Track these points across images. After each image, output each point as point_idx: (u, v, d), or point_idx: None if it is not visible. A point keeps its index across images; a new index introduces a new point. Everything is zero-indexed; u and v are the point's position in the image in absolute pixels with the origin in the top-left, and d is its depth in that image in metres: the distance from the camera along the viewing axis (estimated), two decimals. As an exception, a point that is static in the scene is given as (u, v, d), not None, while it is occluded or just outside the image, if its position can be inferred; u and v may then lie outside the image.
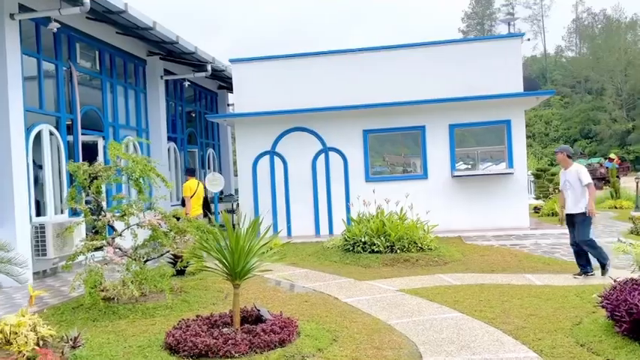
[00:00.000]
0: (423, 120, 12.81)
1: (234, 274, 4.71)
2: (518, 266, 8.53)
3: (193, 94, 17.28)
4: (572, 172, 7.64)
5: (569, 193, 7.66)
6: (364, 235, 9.53)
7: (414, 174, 13.16)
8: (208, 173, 12.59)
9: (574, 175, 7.60)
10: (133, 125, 13.22)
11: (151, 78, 13.94)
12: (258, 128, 13.33)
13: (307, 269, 8.94)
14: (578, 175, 7.54)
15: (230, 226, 4.79)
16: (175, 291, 7.02)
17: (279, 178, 13.29)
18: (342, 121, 13.06)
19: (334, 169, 13.14)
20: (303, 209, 13.20)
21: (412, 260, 8.91)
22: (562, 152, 7.82)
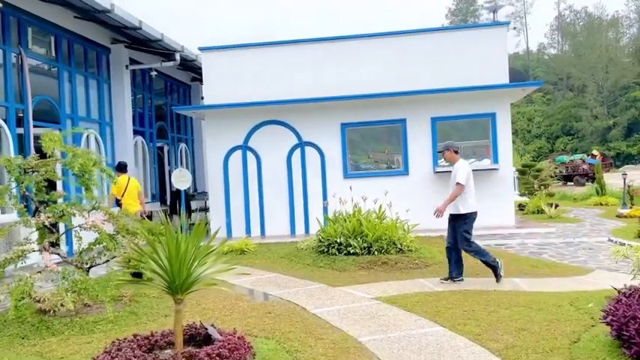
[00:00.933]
0: (404, 113, 12.14)
1: (174, 288, 3.95)
2: (505, 269, 7.84)
3: (164, 86, 16.41)
4: (454, 169, 7.11)
5: (450, 191, 7.10)
6: (340, 236, 8.82)
7: (395, 170, 12.49)
8: (175, 169, 11.78)
9: (454, 172, 7.10)
10: (95, 118, 12.34)
11: (116, 67, 13.06)
12: (229, 121, 12.54)
13: (277, 273, 8.20)
14: (455, 172, 7.02)
15: (170, 228, 4.02)
16: (125, 300, 6.25)
17: (252, 174, 12.52)
18: (318, 113, 12.32)
19: (311, 164, 12.41)
20: (277, 207, 12.45)
21: (391, 263, 8.23)
22: (448, 149, 7.24)
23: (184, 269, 3.93)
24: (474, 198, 7.05)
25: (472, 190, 7.04)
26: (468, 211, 6.98)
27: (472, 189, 7.04)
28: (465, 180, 6.89)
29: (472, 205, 7.02)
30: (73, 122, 11.41)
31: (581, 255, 9.02)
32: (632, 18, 68.97)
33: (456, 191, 6.93)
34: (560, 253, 9.23)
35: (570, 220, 13.24)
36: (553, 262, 8.44)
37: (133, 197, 9.87)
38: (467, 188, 6.93)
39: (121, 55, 13.04)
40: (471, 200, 7.00)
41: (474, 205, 7.04)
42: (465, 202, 6.96)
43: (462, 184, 6.87)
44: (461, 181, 6.88)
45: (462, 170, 6.95)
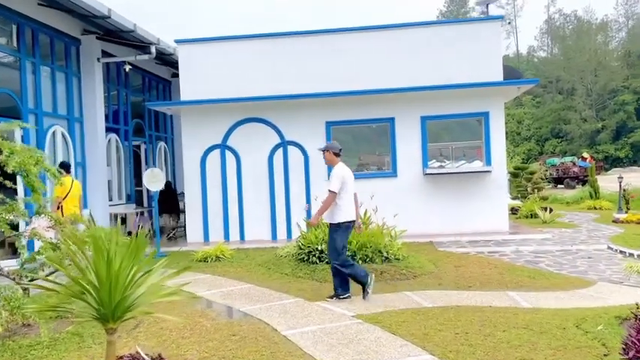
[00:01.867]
0: (392, 111, 11.46)
1: (105, 316, 3.22)
2: (500, 281, 7.23)
3: (142, 81, 15.59)
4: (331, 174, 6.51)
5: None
6: (321, 243, 8.11)
7: (383, 171, 11.81)
8: (147, 169, 11.02)
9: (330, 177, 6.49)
10: (63, 113, 11.52)
11: (87, 60, 12.24)
12: (207, 118, 11.79)
13: (252, 284, 7.47)
14: (330, 178, 6.44)
15: (100, 244, 3.29)
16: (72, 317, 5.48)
17: (231, 175, 11.78)
18: (302, 111, 11.61)
19: (294, 165, 11.70)
20: (258, 210, 11.72)
21: (376, 273, 7.49)
22: (328, 150, 6.65)
23: (117, 292, 3.20)
24: (350, 206, 6.40)
25: (349, 197, 6.41)
26: (341, 221, 6.32)
27: (349, 197, 6.41)
28: (339, 187, 6.28)
29: (347, 214, 6.35)
30: (37, 118, 10.59)
31: (581, 264, 8.40)
32: (621, 22, 69.10)
33: (328, 199, 6.31)
34: (557, 262, 8.60)
35: (565, 225, 12.64)
36: (551, 272, 7.79)
37: (74, 201, 9.01)
38: (342, 195, 6.31)
39: (93, 47, 12.23)
40: (345, 209, 6.34)
41: (349, 214, 6.37)
42: (339, 210, 6.30)
43: (333, 192, 6.28)
44: (332, 189, 6.29)
45: (335, 176, 6.35)
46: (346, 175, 6.41)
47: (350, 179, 6.46)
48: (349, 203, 6.39)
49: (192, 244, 11.59)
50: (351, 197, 6.46)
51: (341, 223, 6.32)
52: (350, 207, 6.40)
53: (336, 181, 6.31)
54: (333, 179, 6.33)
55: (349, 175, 6.47)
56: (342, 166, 6.51)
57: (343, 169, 6.48)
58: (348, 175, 6.45)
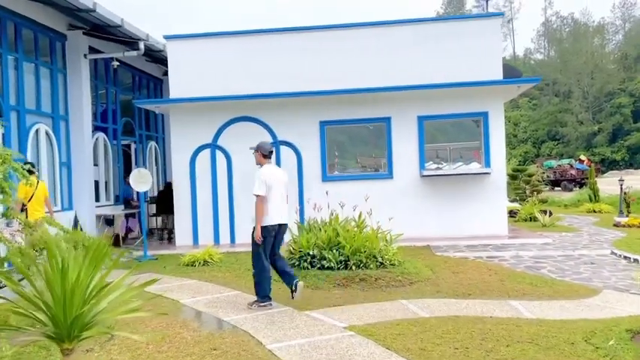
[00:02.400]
0: (388, 110, 11.10)
1: (59, 335, 2.83)
2: (500, 288, 6.87)
3: (132, 79, 15.17)
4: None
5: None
6: (313, 248, 7.73)
7: (378, 173, 11.44)
8: (134, 169, 10.62)
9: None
10: (47, 111, 11.10)
11: (73, 56, 11.83)
12: (197, 117, 11.40)
13: (239, 291, 7.09)
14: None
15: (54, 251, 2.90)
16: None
17: (222, 175, 11.39)
18: (295, 110, 11.24)
19: (286, 166, 11.29)
20: (249, 212, 11.29)
21: (370, 280, 7.16)
22: (257, 150, 6.45)
23: (73, 308, 2.81)
24: (276, 209, 6.18)
25: (276, 200, 6.18)
26: (265, 224, 6.11)
27: (275, 199, 6.18)
28: (264, 190, 6.08)
29: (272, 217, 6.15)
30: (19, 115, 10.18)
31: (584, 271, 8.05)
32: (618, 25, 69.05)
33: (257, 204, 6.12)
34: (560, 268, 8.24)
35: (566, 229, 12.30)
36: (554, 279, 7.44)
37: (40, 203, 8.53)
38: (267, 198, 6.10)
39: (79, 43, 11.82)
40: (271, 212, 6.13)
41: (274, 217, 6.16)
42: (265, 213, 6.10)
43: (258, 195, 6.10)
44: (256, 192, 6.11)
45: (258, 180, 6.15)
46: (271, 178, 6.17)
47: (276, 181, 6.22)
48: (274, 206, 6.15)
49: (181, 247, 11.20)
50: (278, 199, 6.20)
51: (263, 227, 6.11)
52: (275, 210, 6.17)
53: (260, 184, 6.09)
54: (257, 182, 6.11)
55: (275, 178, 6.24)
56: (267, 168, 6.29)
57: (268, 170, 6.27)
58: (273, 177, 6.21)
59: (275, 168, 6.49)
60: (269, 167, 6.34)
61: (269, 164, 6.38)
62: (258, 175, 6.17)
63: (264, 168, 6.28)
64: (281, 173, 6.50)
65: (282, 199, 6.27)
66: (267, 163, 6.37)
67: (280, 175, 6.41)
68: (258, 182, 6.09)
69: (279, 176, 6.35)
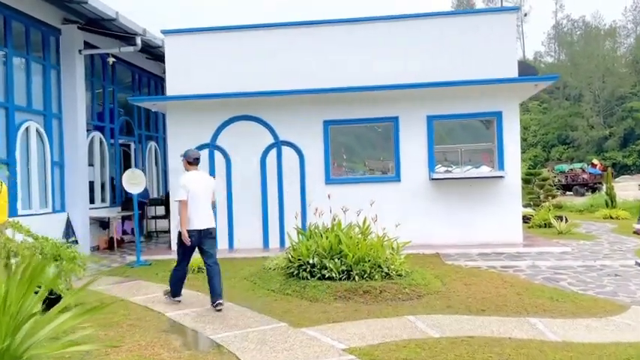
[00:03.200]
0: (396, 110, 10.51)
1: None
2: (518, 303, 6.25)
3: (132, 77, 14.69)
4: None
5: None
6: (313, 256, 7.15)
7: (385, 176, 10.84)
8: (128, 170, 10.09)
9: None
10: (38, 108, 10.61)
11: (67, 52, 11.34)
12: (194, 115, 10.86)
13: (232, 302, 6.52)
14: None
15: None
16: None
17: (220, 177, 10.83)
18: (298, 109, 10.68)
19: (288, 167, 10.75)
20: (249, 216, 10.77)
21: (374, 292, 6.57)
22: (183, 157, 6.65)
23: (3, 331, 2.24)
24: (197, 215, 6.30)
25: (196, 206, 6.30)
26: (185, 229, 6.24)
27: (196, 205, 6.30)
28: (185, 195, 6.23)
29: (192, 222, 6.29)
30: (8, 112, 9.68)
31: (608, 283, 7.41)
32: (630, 28, 68.00)
33: (180, 209, 6.27)
34: (581, 280, 7.61)
35: (583, 237, 11.64)
36: (575, 293, 6.81)
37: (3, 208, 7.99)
38: (190, 204, 6.25)
39: (74, 38, 11.33)
40: (192, 217, 6.27)
41: (194, 222, 6.29)
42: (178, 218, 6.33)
43: (179, 201, 6.28)
44: (177, 198, 6.38)
45: (181, 182, 6.39)
46: (192, 184, 6.33)
47: (199, 188, 6.37)
48: (194, 211, 6.28)
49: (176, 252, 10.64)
50: (199, 205, 6.32)
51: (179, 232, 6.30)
52: (195, 215, 6.28)
53: (181, 190, 6.29)
54: (180, 190, 6.32)
55: (198, 185, 6.38)
56: (190, 174, 6.46)
57: (190, 176, 6.44)
58: (195, 183, 6.36)
59: (199, 174, 6.60)
60: (191, 173, 6.48)
61: (194, 170, 6.52)
62: (180, 182, 6.37)
63: (187, 175, 6.44)
64: (206, 179, 6.64)
65: (204, 204, 6.39)
66: (192, 169, 6.52)
67: (204, 181, 6.54)
68: (182, 189, 6.27)
69: (202, 182, 6.47)
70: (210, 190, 6.51)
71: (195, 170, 6.54)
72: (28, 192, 10.17)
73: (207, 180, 6.68)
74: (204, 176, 6.75)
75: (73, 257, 4.54)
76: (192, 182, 6.35)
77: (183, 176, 6.44)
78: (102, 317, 5.83)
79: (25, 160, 10.12)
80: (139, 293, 7.22)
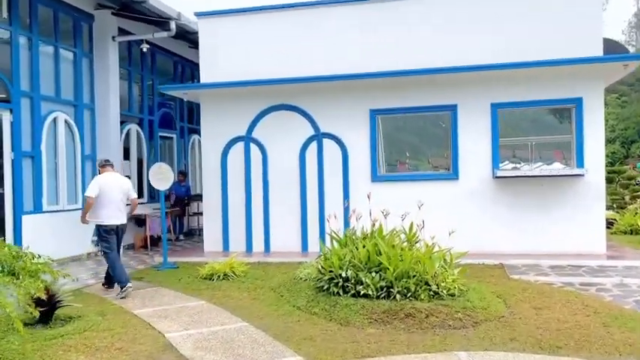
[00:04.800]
0: (454, 96, 9.14)
1: None
2: (605, 338, 4.84)
3: (173, 66, 14.03)
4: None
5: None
6: (347, 267, 5.99)
7: (439, 173, 9.48)
8: (154, 165, 9.31)
9: None
10: (68, 98, 10.05)
11: (100, 39, 10.75)
12: (230, 105, 9.97)
13: (247, 322, 5.49)
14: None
15: None
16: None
17: (256, 172, 9.90)
18: (341, 97, 9.54)
19: (330, 162, 9.64)
20: (286, 216, 9.76)
21: (419, 316, 5.33)
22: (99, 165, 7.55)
23: None
24: (107, 210, 6.99)
25: (105, 202, 6.97)
26: (98, 224, 7.07)
27: (105, 201, 6.97)
28: (95, 192, 6.90)
29: (102, 217, 7.01)
30: (33, 102, 9.14)
31: None
32: None
33: (86, 203, 7.04)
34: (688, 307, 6.01)
35: (681, 248, 9.79)
36: (683, 325, 5.27)
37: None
38: (100, 202, 6.94)
39: (107, 24, 10.73)
40: (103, 213, 6.98)
41: (103, 217, 7.00)
42: (96, 216, 7.02)
43: (87, 196, 7.01)
44: (86, 194, 7.05)
45: (91, 183, 7.08)
46: (104, 183, 7.00)
47: (111, 188, 7.04)
48: (106, 209, 6.96)
49: (209, 253, 9.83)
50: (111, 204, 6.99)
51: (100, 227, 7.05)
52: (106, 213, 6.97)
53: (90, 187, 6.99)
54: (89, 186, 7.04)
55: (110, 185, 7.06)
56: (102, 176, 7.15)
57: (103, 178, 7.11)
58: (107, 183, 7.03)
59: (111, 175, 7.23)
60: (106, 175, 7.18)
61: (107, 172, 7.22)
62: (93, 180, 7.14)
63: (101, 176, 7.16)
64: (119, 181, 7.27)
65: (113, 203, 7.02)
66: (105, 172, 7.22)
67: (115, 183, 7.15)
68: (91, 186, 6.96)
69: (113, 184, 7.11)
70: (121, 190, 7.17)
71: (108, 172, 7.21)
72: (55, 187, 9.63)
73: (122, 182, 7.32)
74: (118, 177, 7.34)
75: (35, 271, 3.63)
76: (105, 182, 7.01)
77: (99, 178, 7.09)
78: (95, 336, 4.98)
79: (52, 153, 9.57)
80: (150, 304, 6.35)
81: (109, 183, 7.05)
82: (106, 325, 5.40)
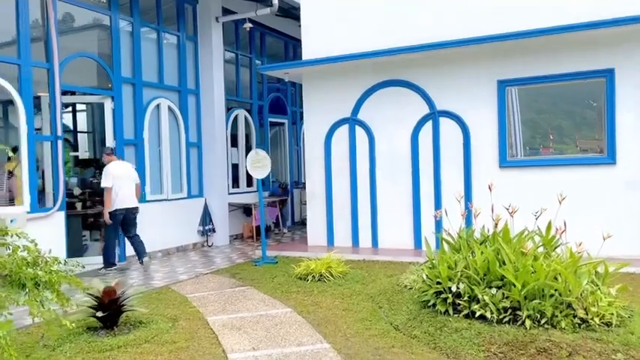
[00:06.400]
0: (609, 59, 7.16)
1: None
2: None
3: (284, 48, 13.37)
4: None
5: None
6: (459, 280, 4.66)
7: (589, 157, 7.55)
8: (251, 151, 8.57)
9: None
10: (171, 84, 9.75)
11: (204, 20, 10.33)
12: (332, 84, 8.95)
13: (328, 343, 4.44)
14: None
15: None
16: None
17: (362, 158, 8.78)
18: (461, 67, 8.02)
19: (448, 145, 8.20)
20: (396, 208, 8.54)
21: (559, 353, 3.86)
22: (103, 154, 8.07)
23: None
24: (118, 198, 7.54)
25: (117, 191, 7.53)
26: (110, 210, 7.50)
27: (118, 189, 7.53)
28: (110, 183, 7.46)
29: (116, 203, 7.55)
30: (135, 88, 8.92)
31: None
32: None
33: (105, 195, 7.53)
34: None
35: None
36: None
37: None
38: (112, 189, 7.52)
39: (211, 4, 10.25)
40: (114, 199, 7.53)
41: (117, 203, 7.54)
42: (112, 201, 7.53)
43: (105, 187, 7.49)
44: (103, 185, 7.52)
45: (103, 175, 7.56)
46: (115, 172, 7.55)
47: (121, 174, 7.60)
48: (117, 195, 7.53)
49: (313, 248, 8.97)
50: (121, 190, 7.56)
51: (112, 212, 7.50)
52: (117, 198, 7.53)
53: (105, 178, 7.51)
54: (102, 177, 7.56)
55: (119, 172, 7.61)
56: (111, 165, 7.64)
57: (112, 166, 7.62)
58: (117, 171, 7.58)
59: (121, 163, 7.89)
60: (114, 163, 7.70)
61: (114, 161, 7.76)
62: (104, 170, 7.59)
63: (110, 165, 7.62)
64: (124, 168, 7.80)
65: (124, 189, 7.62)
66: (111, 160, 7.74)
67: (123, 170, 7.72)
68: (105, 177, 7.51)
69: (122, 170, 7.68)
70: (130, 177, 7.79)
71: (115, 160, 7.76)
72: (159, 176, 9.40)
73: (129, 168, 7.90)
74: (125, 164, 7.92)
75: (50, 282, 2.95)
76: (115, 170, 7.56)
77: (110, 166, 7.58)
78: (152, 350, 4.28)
79: (155, 140, 9.34)
80: (230, 309, 5.59)
81: (117, 171, 7.60)
82: (170, 336, 4.70)
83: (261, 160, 8.26)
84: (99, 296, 4.76)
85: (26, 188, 7.06)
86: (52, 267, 3.26)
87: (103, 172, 7.57)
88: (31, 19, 7.28)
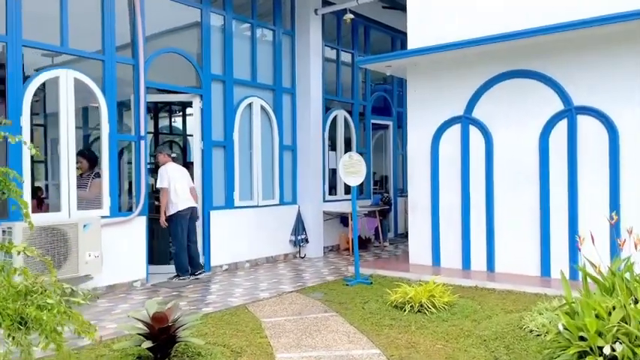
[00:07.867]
0: None
1: None
2: None
3: (390, 43, 12.23)
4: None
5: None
6: (613, 337, 3.26)
7: None
8: (345, 155, 7.51)
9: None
10: (265, 82, 9.07)
11: (302, 13, 9.57)
12: (442, 77, 7.68)
13: (422, 411, 3.27)
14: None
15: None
16: None
17: (477, 163, 7.39)
18: (603, 51, 6.38)
19: (588, 151, 6.57)
20: (518, 225, 7.06)
21: None
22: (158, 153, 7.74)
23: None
24: (179, 198, 7.21)
25: (177, 191, 7.20)
26: (172, 212, 7.20)
27: (176, 190, 7.20)
28: (166, 183, 7.14)
29: (176, 205, 7.20)
30: (225, 86, 8.34)
31: None
32: None
33: (162, 196, 7.22)
34: None
35: None
36: None
37: None
38: (170, 190, 7.17)
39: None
40: (175, 201, 7.19)
41: (178, 205, 7.20)
42: (171, 203, 7.20)
43: (161, 188, 7.19)
44: (159, 186, 7.22)
45: (159, 176, 7.25)
46: (171, 173, 7.23)
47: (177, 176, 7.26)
48: (176, 196, 7.19)
49: (415, 267, 7.77)
50: (179, 191, 7.21)
51: (172, 215, 7.19)
52: (180, 199, 7.21)
53: (161, 179, 7.20)
54: (158, 179, 7.26)
55: (175, 174, 7.27)
56: (168, 166, 7.30)
57: (168, 167, 7.29)
58: (173, 173, 7.25)
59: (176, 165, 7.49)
60: (169, 165, 7.35)
61: (169, 163, 7.39)
62: (160, 172, 7.29)
63: (166, 167, 7.30)
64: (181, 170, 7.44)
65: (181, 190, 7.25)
66: (167, 162, 7.39)
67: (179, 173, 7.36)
68: (162, 178, 7.19)
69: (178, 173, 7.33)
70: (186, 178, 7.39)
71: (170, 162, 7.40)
72: (249, 180, 8.75)
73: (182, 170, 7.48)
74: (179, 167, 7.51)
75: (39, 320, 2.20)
76: (172, 172, 7.24)
77: (167, 168, 7.24)
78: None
79: (246, 142, 8.70)
80: (305, 343, 4.62)
81: (172, 173, 7.28)
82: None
83: (355, 165, 7.22)
84: (148, 322, 4.03)
85: (106, 191, 6.67)
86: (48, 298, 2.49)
87: (159, 172, 7.29)
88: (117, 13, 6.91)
